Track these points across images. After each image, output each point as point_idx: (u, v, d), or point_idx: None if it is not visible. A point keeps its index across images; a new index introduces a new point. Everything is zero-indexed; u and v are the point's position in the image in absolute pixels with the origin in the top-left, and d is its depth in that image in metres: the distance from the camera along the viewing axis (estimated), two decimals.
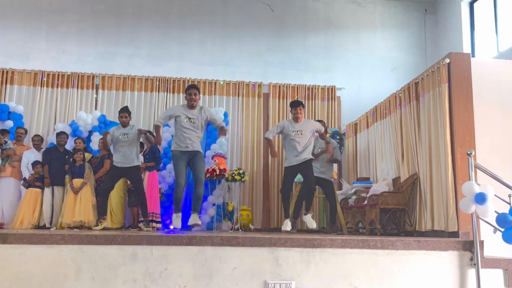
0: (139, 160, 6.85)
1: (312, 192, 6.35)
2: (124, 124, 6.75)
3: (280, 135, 6.65)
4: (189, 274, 4.12)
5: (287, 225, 6.15)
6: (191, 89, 6.00)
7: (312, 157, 6.37)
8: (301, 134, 6.22)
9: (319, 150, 7.10)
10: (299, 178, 6.96)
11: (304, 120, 6.43)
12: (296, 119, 6.30)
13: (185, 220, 6.32)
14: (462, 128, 5.84)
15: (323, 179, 7.16)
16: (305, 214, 6.36)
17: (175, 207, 6.00)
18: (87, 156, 7.69)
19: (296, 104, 6.35)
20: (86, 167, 7.26)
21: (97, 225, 6.65)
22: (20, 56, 9.46)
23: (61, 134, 7.79)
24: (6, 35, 9.55)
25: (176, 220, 5.91)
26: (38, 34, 9.66)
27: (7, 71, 9.18)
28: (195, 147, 5.99)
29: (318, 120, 7.54)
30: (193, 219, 5.86)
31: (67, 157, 7.58)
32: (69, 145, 8.05)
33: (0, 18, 9.59)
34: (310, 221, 6.28)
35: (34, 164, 7.44)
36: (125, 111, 6.81)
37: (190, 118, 5.95)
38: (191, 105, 6.00)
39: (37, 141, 7.80)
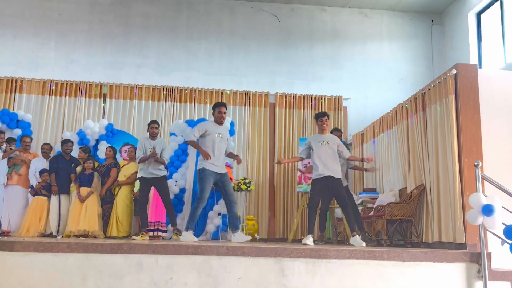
0: (165, 170, 6.93)
1: (347, 207, 5.91)
2: (154, 136, 6.87)
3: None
4: (194, 283, 4.11)
5: (308, 239, 5.64)
6: (221, 107, 6.10)
7: (340, 176, 6.01)
8: (327, 144, 6.02)
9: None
10: (305, 188, 6.91)
11: (329, 134, 6.30)
12: (322, 130, 6.14)
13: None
14: (469, 139, 5.81)
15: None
16: (353, 236, 5.79)
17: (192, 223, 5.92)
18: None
19: (321, 115, 6.16)
20: (95, 176, 7.28)
21: (137, 235, 6.80)
22: (29, 65, 9.57)
23: (67, 143, 7.78)
24: (16, 44, 9.67)
25: (189, 237, 5.77)
26: (47, 44, 9.77)
27: (16, 80, 9.29)
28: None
29: (336, 129, 7.46)
30: (240, 236, 5.76)
31: (73, 165, 7.60)
32: (74, 153, 8.08)
33: (11, 27, 9.72)
34: (358, 242, 5.66)
35: (42, 172, 7.47)
36: (155, 122, 7.00)
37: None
38: (220, 122, 6.12)
39: (46, 149, 7.82)
